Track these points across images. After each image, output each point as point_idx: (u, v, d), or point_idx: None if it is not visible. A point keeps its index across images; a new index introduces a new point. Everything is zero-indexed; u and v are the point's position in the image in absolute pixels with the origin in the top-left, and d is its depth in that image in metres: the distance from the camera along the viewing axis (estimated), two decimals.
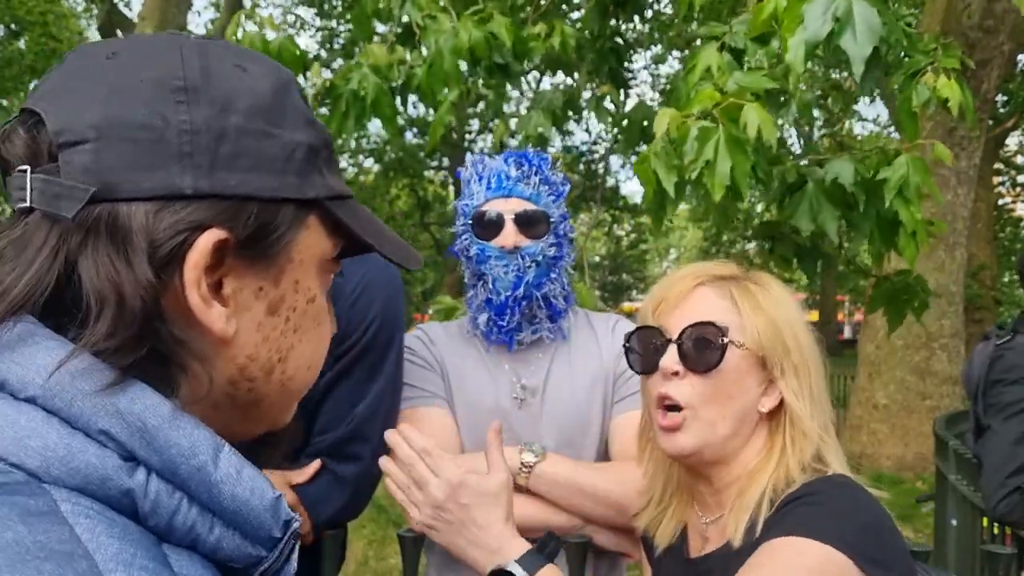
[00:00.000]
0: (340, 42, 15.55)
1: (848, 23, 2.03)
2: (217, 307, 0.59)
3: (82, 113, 0.57)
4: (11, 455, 0.52)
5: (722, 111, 2.20)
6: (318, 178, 0.65)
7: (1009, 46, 7.29)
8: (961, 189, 7.27)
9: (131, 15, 13.18)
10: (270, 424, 0.70)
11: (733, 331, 1.19)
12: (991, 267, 12.90)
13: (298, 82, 0.68)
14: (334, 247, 0.68)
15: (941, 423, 3.94)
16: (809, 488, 1.12)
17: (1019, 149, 16.93)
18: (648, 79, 16.82)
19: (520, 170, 1.63)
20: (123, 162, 0.57)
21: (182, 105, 0.58)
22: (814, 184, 2.47)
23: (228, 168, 0.59)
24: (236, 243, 0.59)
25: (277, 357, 0.65)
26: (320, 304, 0.68)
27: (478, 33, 3.03)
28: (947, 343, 7.64)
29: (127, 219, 0.56)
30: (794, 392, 1.19)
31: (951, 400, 7.49)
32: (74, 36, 14.03)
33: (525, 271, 1.61)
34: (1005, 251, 16.56)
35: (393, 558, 5.29)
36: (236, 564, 0.59)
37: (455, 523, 1.22)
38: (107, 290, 0.55)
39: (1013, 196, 17.22)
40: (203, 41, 0.63)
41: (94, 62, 0.61)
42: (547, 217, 1.63)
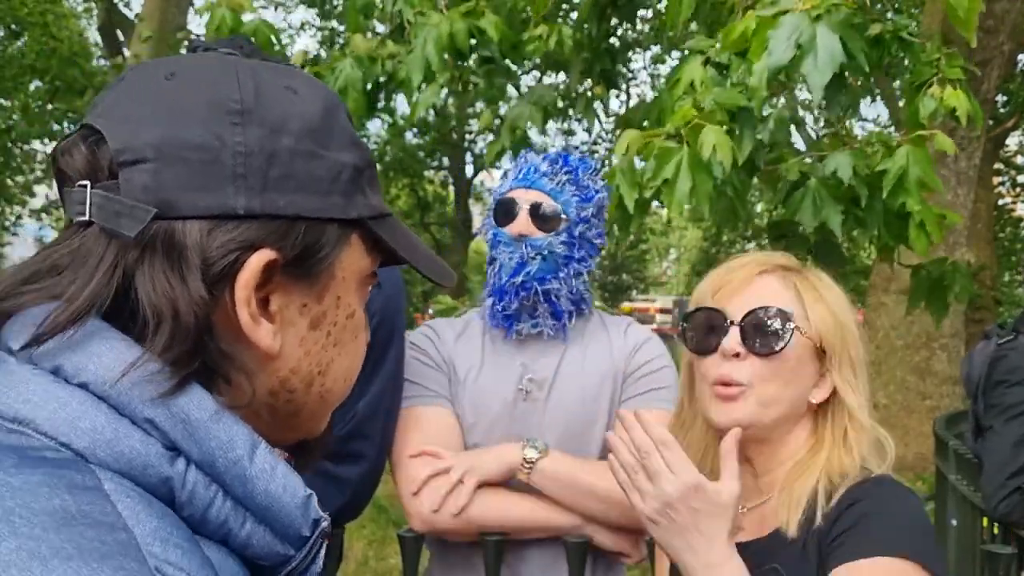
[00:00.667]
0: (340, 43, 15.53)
1: (810, 50, 2.07)
2: (265, 324, 0.62)
3: (142, 133, 0.60)
4: (61, 435, 0.54)
5: (689, 131, 2.24)
6: (361, 198, 0.67)
7: (1009, 46, 7.28)
8: (961, 189, 7.27)
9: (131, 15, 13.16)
10: (306, 433, 0.72)
11: (797, 319, 1.22)
12: (991, 267, 12.89)
13: (343, 102, 0.70)
14: (373, 263, 0.70)
15: (941, 423, 3.94)
16: (863, 492, 1.15)
17: (1019, 149, 16.92)
18: (648, 79, 16.80)
19: (551, 167, 1.67)
20: (180, 182, 0.59)
21: (237, 127, 0.61)
22: (816, 180, 2.47)
23: (278, 189, 0.61)
24: (284, 262, 0.62)
25: (317, 370, 0.67)
26: (359, 318, 0.71)
27: (460, 24, 3.03)
28: (947, 343, 7.64)
29: (182, 237, 0.59)
30: (850, 385, 1.23)
31: (951, 400, 7.48)
32: (74, 36, 14.02)
33: (528, 261, 1.63)
34: (1005, 251, 16.55)
35: (393, 558, 5.29)
36: (264, 562, 0.61)
37: (680, 525, 1.15)
38: (163, 305, 0.58)
39: (1013, 196, 17.20)
40: (255, 63, 0.66)
41: (153, 82, 0.63)
42: (561, 214, 1.65)
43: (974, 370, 2.67)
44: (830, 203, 2.44)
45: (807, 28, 2.07)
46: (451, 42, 3.03)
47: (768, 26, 2.14)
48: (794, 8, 2.12)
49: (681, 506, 1.14)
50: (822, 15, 2.07)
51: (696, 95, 2.41)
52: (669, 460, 1.16)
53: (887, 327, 7.56)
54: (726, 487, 1.16)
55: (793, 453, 1.24)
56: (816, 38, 2.06)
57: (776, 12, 2.15)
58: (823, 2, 2.08)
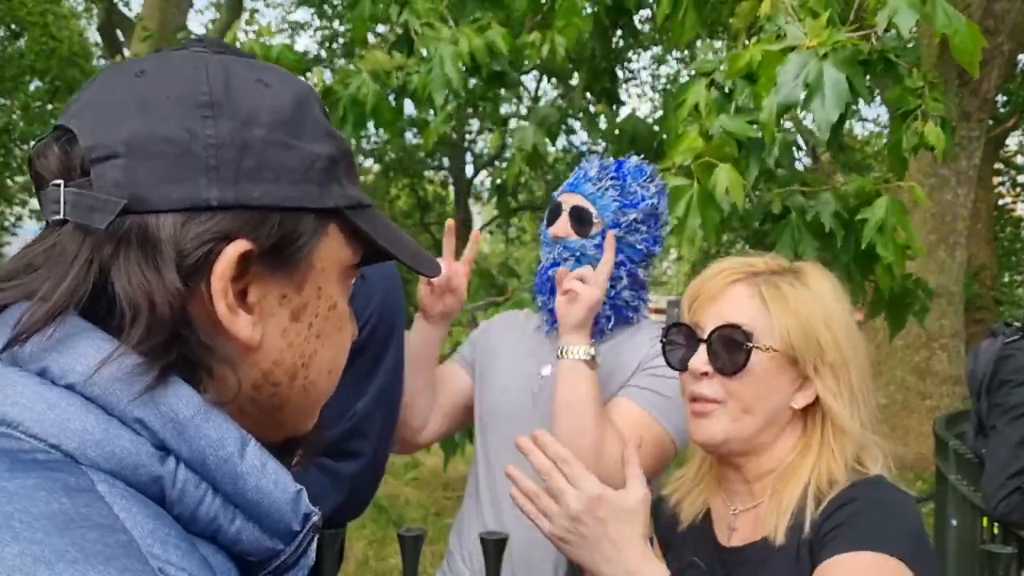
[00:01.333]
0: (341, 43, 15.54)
1: (818, 90, 2.14)
2: (243, 315, 0.62)
3: (113, 129, 0.60)
4: (51, 436, 0.55)
5: (698, 166, 2.31)
6: (337, 188, 0.67)
7: (1009, 46, 7.29)
8: (961, 189, 7.27)
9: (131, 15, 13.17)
10: (292, 429, 0.71)
11: (761, 334, 1.19)
12: (991, 267, 12.90)
13: (317, 95, 0.70)
14: (354, 254, 0.70)
15: (941, 423, 3.94)
16: (855, 493, 1.14)
17: (1019, 149, 16.93)
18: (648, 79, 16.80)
19: (599, 172, 1.73)
20: (152, 175, 0.59)
21: (208, 119, 0.61)
22: (796, 216, 2.60)
23: (252, 179, 0.61)
24: (260, 252, 0.61)
25: (301, 362, 0.67)
26: (341, 310, 0.70)
27: (478, 41, 3.07)
28: (947, 343, 7.64)
29: (156, 230, 0.59)
30: (831, 391, 1.19)
31: (951, 400, 7.49)
32: (74, 36, 14.02)
33: (562, 261, 1.69)
34: (1005, 251, 16.55)
35: (393, 558, 5.29)
36: (253, 557, 0.62)
37: (591, 538, 1.15)
38: (139, 297, 0.58)
39: (1013, 196, 17.20)
40: (226, 57, 0.66)
41: (123, 79, 0.64)
42: (596, 217, 1.70)
43: (979, 368, 2.66)
44: (807, 239, 2.61)
45: (814, 66, 2.14)
46: (470, 59, 3.08)
47: (775, 61, 2.20)
48: (800, 44, 2.18)
49: (587, 518, 1.15)
50: (828, 53, 2.14)
51: (702, 120, 2.46)
52: (570, 475, 1.18)
53: (886, 327, 7.56)
54: (631, 492, 1.18)
55: (782, 458, 1.22)
56: (823, 76, 2.14)
57: (783, 48, 2.21)
58: (828, 40, 2.14)
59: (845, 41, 2.15)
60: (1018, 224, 17.73)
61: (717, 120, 2.43)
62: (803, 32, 2.19)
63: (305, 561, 0.65)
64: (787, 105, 2.17)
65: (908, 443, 7.67)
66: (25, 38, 13.66)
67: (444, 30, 3.14)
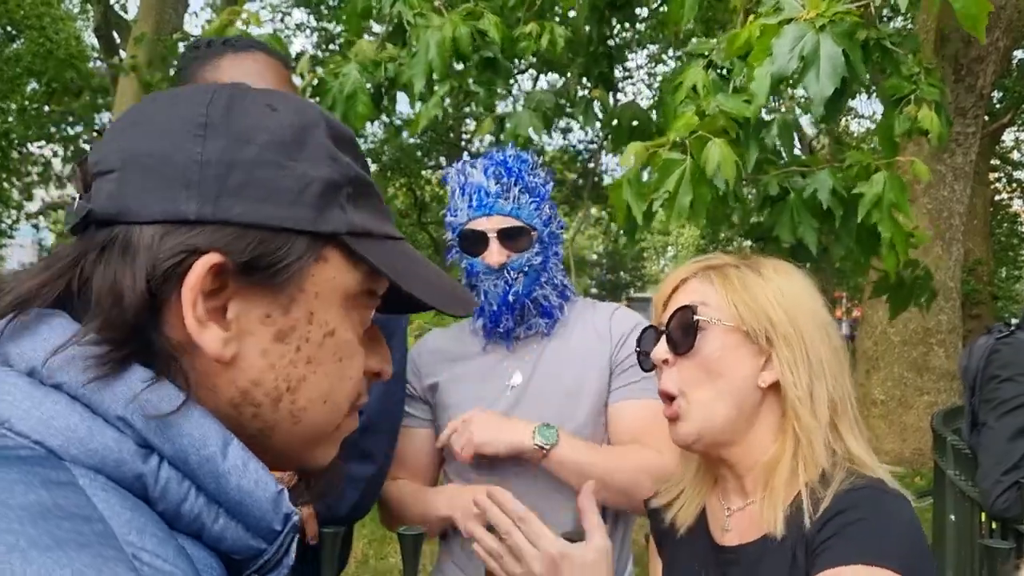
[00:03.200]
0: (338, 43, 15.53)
1: (813, 63, 2.07)
2: (213, 329, 0.62)
3: (115, 146, 0.64)
4: (35, 433, 0.56)
5: (694, 141, 2.26)
6: (338, 213, 0.66)
7: (1004, 42, 7.29)
8: (957, 185, 7.28)
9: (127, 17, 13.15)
10: (297, 460, 0.71)
11: (708, 309, 1.21)
12: (987, 262, 12.91)
13: (332, 122, 0.70)
14: (360, 283, 0.69)
15: (939, 419, 3.95)
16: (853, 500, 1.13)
17: (1015, 145, 16.95)
18: (645, 77, 16.80)
19: (500, 183, 1.68)
20: (139, 189, 0.62)
21: (199, 138, 0.63)
22: (795, 196, 2.54)
23: (234, 196, 0.62)
24: (235, 268, 0.62)
25: (285, 386, 0.66)
26: (343, 339, 0.69)
27: (463, 28, 3.04)
28: (944, 338, 7.65)
29: (137, 240, 0.61)
30: (787, 363, 1.18)
31: (948, 395, 7.50)
32: (71, 38, 14.00)
33: (513, 282, 1.68)
34: (1002, 247, 16.58)
35: (393, 557, 5.29)
36: (237, 556, 0.62)
37: None
38: (106, 296, 0.60)
39: (1009, 192, 17.23)
40: (242, 87, 0.68)
41: (144, 106, 0.67)
42: (530, 229, 1.69)
43: (972, 363, 2.67)
44: (807, 220, 2.54)
45: (811, 39, 2.08)
46: (454, 46, 3.04)
47: (772, 34, 2.14)
48: (798, 17, 2.12)
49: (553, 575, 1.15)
50: (826, 25, 2.08)
51: (699, 100, 2.43)
52: (529, 535, 1.18)
53: (884, 323, 7.57)
54: (592, 544, 1.18)
55: (765, 446, 1.21)
56: (820, 49, 2.07)
57: (780, 20, 2.15)
58: (827, 12, 2.09)
59: (844, 13, 2.09)
60: (1014, 220, 17.76)
61: (714, 99, 2.39)
62: (801, 5, 2.14)
63: (287, 560, 0.66)
64: (780, 77, 2.10)
65: (906, 439, 7.68)
66: (22, 40, 13.64)
67: (435, 19, 3.13)
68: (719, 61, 2.55)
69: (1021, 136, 16.55)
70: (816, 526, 1.12)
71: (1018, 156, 17.14)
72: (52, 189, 17.64)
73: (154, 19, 9.55)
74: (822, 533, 1.11)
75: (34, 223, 18.33)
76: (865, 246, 2.60)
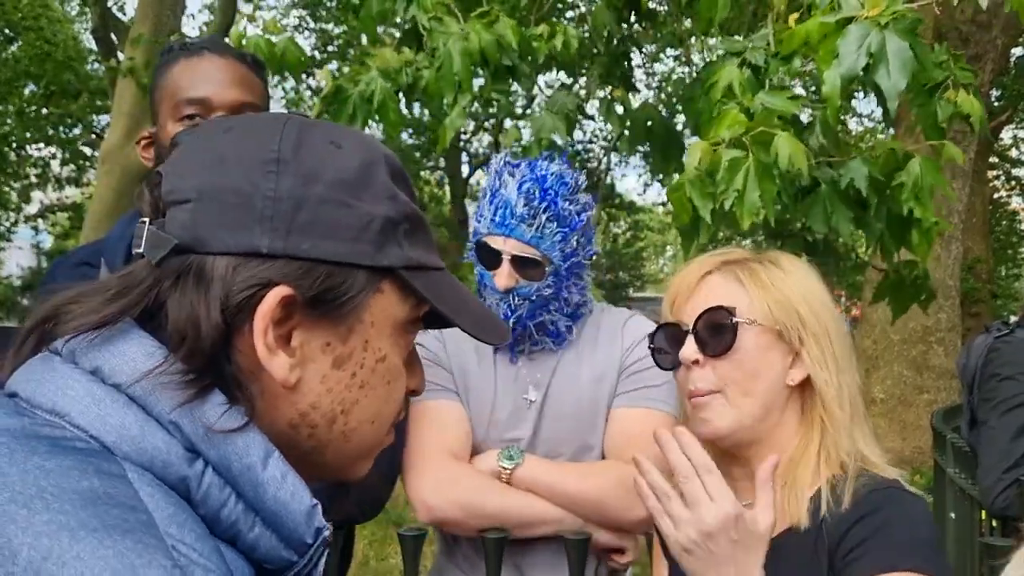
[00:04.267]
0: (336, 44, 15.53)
1: (882, 59, 2.09)
2: (282, 356, 0.66)
3: (190, 177, 0.68)
4: (92, 428, 0.60)
5: (752, 138, 2.25)
6: (395, 249, 0.71)
7: (1003, 40, 7.31)
8: (956, 183, 7.28)
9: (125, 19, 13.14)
10: (340, 474, 0.76)
11: (742, 310, 1.21)
12: (987, 261, 12.91)
13: (390, 158, 0.73)
14: (411, 312, 0.73)
15: (939, 417, 3.94)
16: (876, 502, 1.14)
17: (1014, 143, 16.95)
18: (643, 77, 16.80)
19: (528, 206, 1.59)
20: (214, 221, 0.66)
21: (271, 174, 0.66)
22: (827, 187, 2.51)
23: (303, 233, 0.66)
24: (304, 300, 0.66)
25: (340, 409, 0.71)
26: (392, 364, 0.73)
27: (488, 36, 3.04)
28: (944, 337, 7.65)
29: (211, 270, 0.65)
30: (818, 362, 1.21)
31: (948, 394, 7.50)
32: (69, 40, 14.00)
33: (517, 308, 1.63)
34: (1001, 245, 16.58)
35: (393, 558, 5.29)
36: (269, 565, 0.65)
37: (717, 556, 1.08)
38: (186, 326, 0.64)
39: (1008, 190, 17.23)
40: (308, 120, 0.71)
41: (213, 134, 0.71)
42: (545, 262, 1.61)
43: (970, 362, 2.67)
44: (841, 210, 2.50)
45: (876, 37, 2.10)
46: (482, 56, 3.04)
47: (834, 34, 2.16)
48: (859, 15, 2.14)
49: (721, 537, 1.07)
50: (889, 23, 2.10)
51: (743, 99, 2.43)
52: (709, 486, 1.09)
53: (883, 322, 7.57)
54: (761, 518, 1.11)
55: (786, 445, 1.23)
56: (886, 45, 2.09)
57: (839, 19, 2.17)
58: (887, 10, 2.10)
59: (905, 11, 2.11)
60: (1013, 218, 17.76)
61: (756, 98, 2.39)
62: (860, 3, 2.16)
63: (315, 573, 0.69)
64: (851, 76, 2.12)
65: (906, 437, 7.68)
66: (19, 43, 13.64)
67: (452, 25, 3.12)
68: (753, 60, 2.55)
69: (1019, 134, 16.55)
70: (841, 525, 1.14)
71: (1016, 154, 17.15)
72: (50, 191, 17.63)
73: (152, 21, 9.54)
74: (852, 535, 1.13)
75: (33, 225, 18.32)
76: (895, 234, 2.59)
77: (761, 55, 2.53)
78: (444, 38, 3.06)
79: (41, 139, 15.15)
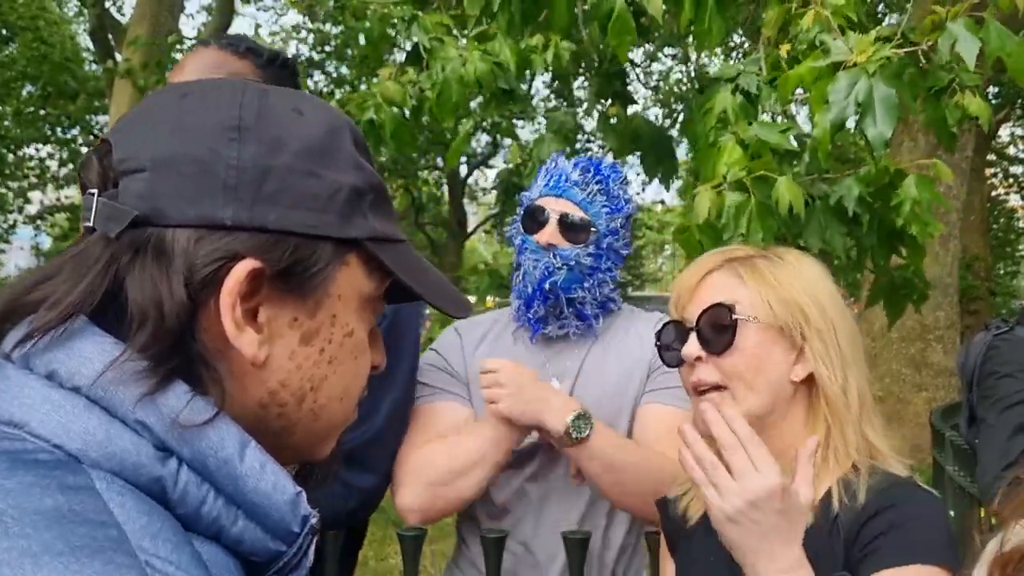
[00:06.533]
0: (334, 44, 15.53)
1: (869, 108, 2.15)
2: (249, 332, 0.63)
3: (144, 145, 0.64)
4: (55, 437, 0.56)
5: (753, 181, 2.33)
6: (361, 220, 0.68)
7: None
8: (954, 181, 7.29)
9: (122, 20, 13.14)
10: (306, 454, 0.73)
11: (743, 307, 1.22)
12: (985, 258, 12.93)
13: (353, 127, 0.71)
14: (377, 286, 0.71)
15: (938, 415, 3.95)
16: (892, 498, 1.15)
17: (1011, 140, 16.96)
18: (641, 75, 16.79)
19: (583, 176, 1.65)
20: (173, 191, 0.62)
21: (233, 143, 0.63)
22: (822, 204, 2.58)
23: (269, 203, 0.63)
24: (272, 274, 0.63)
25: (309, 386, 0.68)
26: (359, 338, 0.71)
27: (483, 65, 3.09)
28: (943, 335, 7.66)
29: (171, 244, 0.61)
30: (821, 357, 1.21)
31: (947, 392, 7.51)
32: (66, 41, 13.99)
33: (555, 271, 1.63)
34: (999, 242, 16.60)
35: (393, 558, 5.29)
36: (257, 558, 0.63)
37: (761, 526, 1.08)
38: (148, 306, 0.60)
39: (1006, 187, 17.25)
40: (266, 87, 0.68)
41: (167, 101, 0.67)
42: (591, 225, 1.64)
43: (969, 359, 2.67)
44: (835, 226, 2.56)
45: (863, 84, 2.15)
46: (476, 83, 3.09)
47: (824, 78, 2.22)
48: (847, 60, 2.19)
49: (767, 506, 1.07)
50: (877, 70, 2.15)
51: (734, 129, 2.48)
52: (755, 457, 1.10)
53: (883, 319, 7.57)
54: (802, 492, 1.11)
55: (794, 436, 1.22)
56: (873, 93, 2.15)
57: (829, 63, 2.23)
58: (875, 56, 2.15)
59: (892, 56, 2.17)
60: (1011, 215, 17.78)
61: (750, 129, 2.45)
62: (848, 48, 2.22)
63: (305, 562, 0.67)
64: (839, 123, 2.19)
65: (905, 435, 7.69)
66: (17, 44, 13.64)
67: (451, 48, 3.16)
68: (745, 86, 2.59)
69: (1017, 132, 16.57)
70: (856, 522, 1.15)
71: (1014, 152, 17.17)
72: (50, 191, 17.62)
73: (149, 22, 9.54)
74: (867, 530, 1.13)
75: (34, 225, 18.31)
76: (886, 244, 2.65)
77: (754, 81, 2.58)
78: (444, 62, 3.10)
79: (39, 139, 15.15)
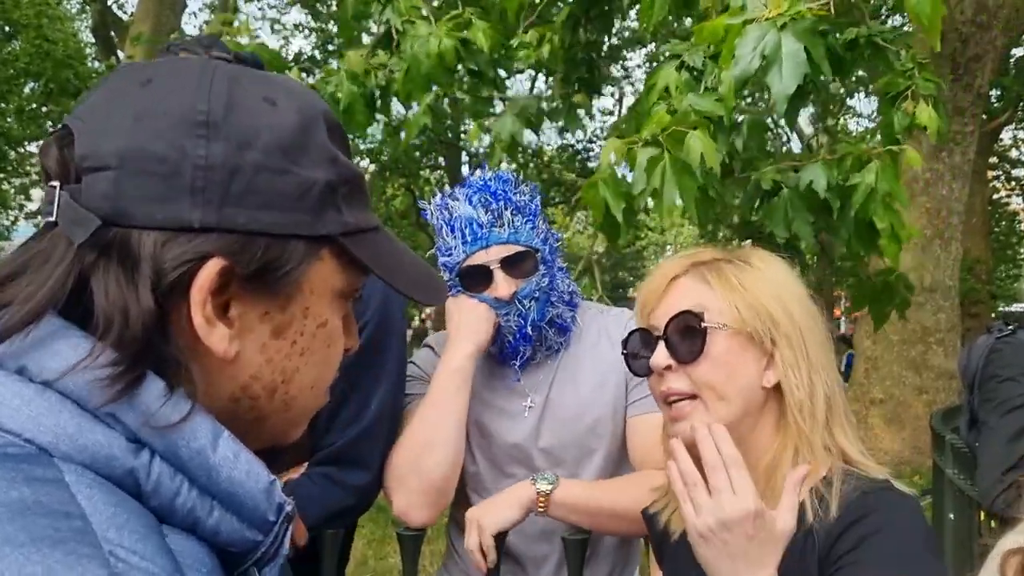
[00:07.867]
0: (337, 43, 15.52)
1: (775, 61, 2.07)
2: (220, 328, 0.62)
3: (107, 140, 0.61)
4: (26, 431, 0.56)
5: (667, 137, 2.25)
6: (334, 214, 0.67)
7: (1002, 40, 7.30)
8: (955, 184, 7.28)
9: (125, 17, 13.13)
10: (278, 439, 0.72)
11: (712, 314, 1.19)
12: (986, 261, 12.92)
13: (328, 114, 0.69)
14: (351, 279, 0.70)
15: (938, 418, 3.94)
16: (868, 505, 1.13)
17: (1013, 143, 16.95)
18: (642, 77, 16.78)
19: (489, 211, 1.59)
20: (139, 192, 0.60)
21: (201, 140, 0.61)
22: (789, 190, 2.53)
23: (238, 204, 0.61)
24: (242, 274, 0.62)
25: (281, 378, 0.68)
26: (332, 327, 0.70)
27: (448, 41, 3.05)
28: (943, 337, 7.65)
29: (137, 246, 0.60)
30: (790, 364, 1.18)
31: (947, 394, 7.49)
32: (68, 39, 13.99)
33: (527, 312, 1.61)
34: (1000, 245, 16.59)
35: (393, 558, 5.29)
36: (234, 548, 0.62)
37: (731, 548, 1.08)
38: (114, 313, 0.59)
39: (1008, 190, 17.24)
40: (237, 71, 0.65)
41: (129, 87, 0.64)
42: (531, 249, 1.61)
43: (971, 363, 2.67)
44: (802, 214, 2.52)
45: (772, 38, 2.07)
46: (439, 60, 3.05)
47: (736, 34, 2.14)
48: (760, 16, 2.12)
49: (737, 530, 1.08)
50: (787, 24, 2.07)
51: (671, 100, 2.43)
52: (735, 479, 1.10)
53: None
54: (781, 521, 1.10)
55: (765, 448, 1.21)
56: (781, 48, 2.06)
57: (744, 20, 2.16)
58: (788, 10, 2.08)
59: (805, 12, 2.09)
60: (1013, 218, 17.77)
61: (685, 99, 2.40)
62: (764, 4, 2.14)
63: (282, 551, 0.66)
64: (744, 78, 2.10)
65: (904, 438, 7.69)
66: (19, 40, 13.63)
67: (422, 28, 3.13)
68: (691, 62, 2.55)
69: (1019, 134, 16.56)
70: (831, 532, 1.13)
71: (1016, 154, 17.15)
72: None
73: (152, 19, 9.54)
74: (842, 542, 1.11)
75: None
76: (864, 239, 2.59)
77: (700, 57, 2.54)
78: (414, 40, 3.07)
79: (41, 136, 15.11)
